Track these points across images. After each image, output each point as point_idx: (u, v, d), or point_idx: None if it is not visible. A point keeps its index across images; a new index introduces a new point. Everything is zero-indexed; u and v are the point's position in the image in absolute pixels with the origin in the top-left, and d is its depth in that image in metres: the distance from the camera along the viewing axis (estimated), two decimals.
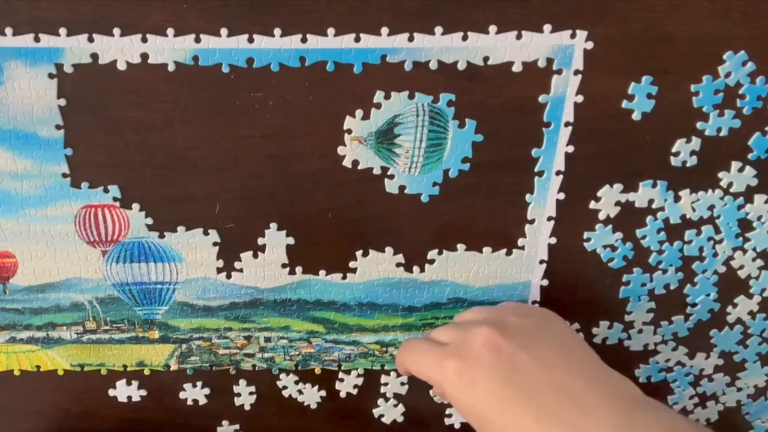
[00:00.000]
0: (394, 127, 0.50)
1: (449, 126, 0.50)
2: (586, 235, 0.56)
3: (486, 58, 0.48)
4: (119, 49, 0.46)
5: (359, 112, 0.49)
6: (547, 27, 0.47)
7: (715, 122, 0.52)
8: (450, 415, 0.64)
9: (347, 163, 0.51)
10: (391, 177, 0.52)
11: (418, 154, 0.51)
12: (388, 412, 0.64)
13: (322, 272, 0.56)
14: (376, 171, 0.52)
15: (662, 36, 0.48)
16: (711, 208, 0.55)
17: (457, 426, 0.65)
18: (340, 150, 0.51)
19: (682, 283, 0.58)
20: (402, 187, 0.53)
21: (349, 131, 0.50)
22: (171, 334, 0.58)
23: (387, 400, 0.63)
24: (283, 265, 0.55)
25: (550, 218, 0.55)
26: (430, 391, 0.62)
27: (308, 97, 0.49)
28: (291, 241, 0.54)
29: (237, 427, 0.64)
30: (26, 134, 0.49)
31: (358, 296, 0.57)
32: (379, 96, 0.49)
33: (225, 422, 0.63)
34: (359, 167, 0.51)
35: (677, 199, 0.54)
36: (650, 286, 0.58)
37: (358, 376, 0.62)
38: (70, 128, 0.49)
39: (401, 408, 0.64)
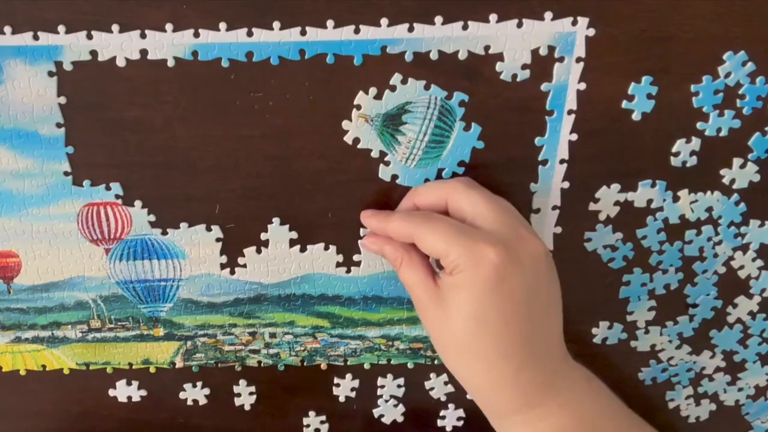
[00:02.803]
0: (403, 114, 0.50)
1: (455, 126, 0.50)
2: (586, 235, 0.56)
3: (487, 47, 0.48)
4: (118, 45, 0.46)
5: (373, 90, 0.49)
6: (548, 14, 0.47)
7: (715, 122, 0.51)
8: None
9: (348, 139, 0.51)
10: (387, 164, 0.52)
11: (418, 146, 0.51)
12: (388, 412, 0.64)
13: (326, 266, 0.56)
14: (374, 154, 0.51)
15: (662, 36, 0.48)
16: (709, 209, 0.55)
17: (457, 426, 0.65)
18: (345, 124, 0.50)
19: (682, 283, 0.58)
20: (394, 176, 0.52)
21: (359, 107, 0.50)
22: (176, 332, 0.58)
23: (386, 401, 0.63)
24: (287, 260, 0.55)
25: (554, 207, 0.54)
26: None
27: (308, 97, 0.49)
28: (294, 235, 0.54)
29: (323, 418, 0.64)
30: (27, 133, 0.49)
31: (363, 290, 0.57)
32: (396, 79, 0.49)
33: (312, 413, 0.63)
34: (359, 146, 0.51)
35: (676, 199, 0.54)
36: (650, 286, 0.58)
37: (353, 378, 0.62)
38: (71, 126, 0.49)
39: (401, 408, 0.63)
